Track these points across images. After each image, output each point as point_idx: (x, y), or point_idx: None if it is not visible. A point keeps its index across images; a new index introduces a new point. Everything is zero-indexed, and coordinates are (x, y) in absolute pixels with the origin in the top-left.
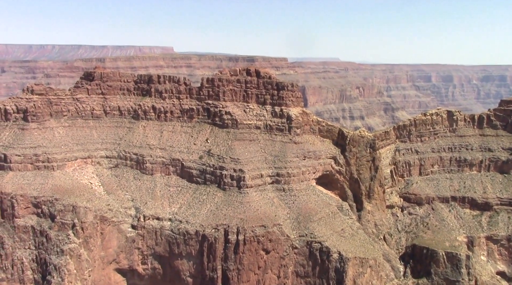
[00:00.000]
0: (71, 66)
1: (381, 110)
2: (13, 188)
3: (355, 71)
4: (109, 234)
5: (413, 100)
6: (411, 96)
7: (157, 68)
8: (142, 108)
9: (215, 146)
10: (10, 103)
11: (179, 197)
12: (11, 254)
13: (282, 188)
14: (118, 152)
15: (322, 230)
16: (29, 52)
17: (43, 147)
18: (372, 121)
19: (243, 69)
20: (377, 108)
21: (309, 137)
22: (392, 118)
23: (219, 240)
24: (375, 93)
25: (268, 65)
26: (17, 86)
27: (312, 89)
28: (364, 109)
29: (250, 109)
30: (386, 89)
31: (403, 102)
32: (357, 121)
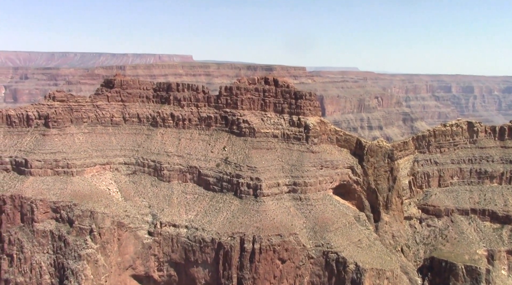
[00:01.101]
0: (92, 74)
1: (399, 121)
2: (33, 193)
3: (374, 81)
4: (126, 240)
5: (433, 110)
6: (430, 106)
7: (176, 76)
8: (161, 116)
9: (232, 154)
10: (32, 109)
11: (195, 204)
12: (30, 258)
13: (299, 197)
14: (136, 158)
15: (338, 240)
16: (51, 59)
17: (63, 152)
18: (391, 131)
19: (261, 78)
20: (395, 118)
21: (326, 146)
22: (411, 129)
23: (235, 248)
24: (394, 103)
25: (286, 74)
26: (39, 93)
27: (330, 99)
28: (382, 119)
29: (267, 118)
30: (405, 99)
31: (423, 112)
32: (376, 131)
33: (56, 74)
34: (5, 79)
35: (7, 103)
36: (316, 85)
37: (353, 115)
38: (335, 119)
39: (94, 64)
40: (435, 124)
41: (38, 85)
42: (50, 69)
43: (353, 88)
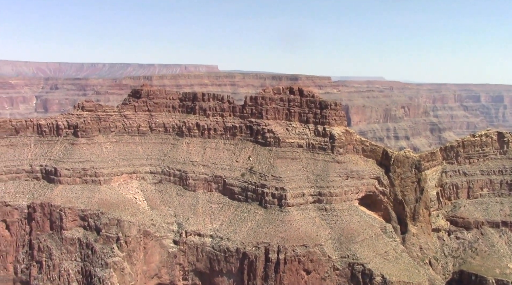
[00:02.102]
0: (120, 84)
1: (427, 131)
2: (62, 201)
3: (400, 90)
4: (151, 249)
5: (461, 120)
6: (458, 116)
7: (202, 86)
8: (186, 125)
9: (257, 164)
10: (61, 119)
11: (220, 214)
12: (58, 265)
13: (324, 208)
14: (162, 167)
15: (364, 251)
16: (81, 70)
17: (91, 161)
18: (418, 141)
19: (286, 87)
20: (423, 128)
21: (352, 156)
22: (439, 139)
23: (259, 259)
24: (421, 113)
25: (311, 83)
26: (68, 102)
27: (356, 108)
28: (409, 129)
29: (292, 128)
30: (433, 109)
31: (450, 122)
32: (402, 141)
33: (85, 84)
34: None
35: (38, 113)
36: (341, 95)
37: (379, 125)
38: (361, 129)
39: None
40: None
41: (68, 95)
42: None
43: (379, 98)
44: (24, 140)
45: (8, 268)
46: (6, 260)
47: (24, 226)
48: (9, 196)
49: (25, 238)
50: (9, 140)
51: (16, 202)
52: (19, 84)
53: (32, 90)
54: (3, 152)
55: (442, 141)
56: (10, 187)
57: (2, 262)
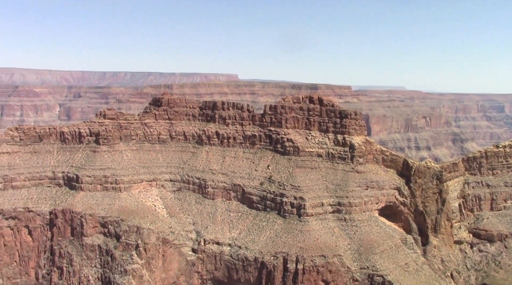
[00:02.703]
0: (141, 92)
1: (449, 141)
2: (83, 208)
3: (421, 100)
4: (170, 256)
5: (484, 131)
6: (481, 127)
7: (222, 95)
8: (206, 134)
9: (276, 173)
10: (84, 126)
11: (239, 223)
12: (79, 271)
13: (343, 218)
14: (182, 175)
15: (384, 263)
16: (103, 78)
17: (112, 169)
18: (439, 152)
19: (306, 96)
20: (444, 138)
21: (372, 166)
22: (461, 150)
23: (277, 268)
24: (442, 123)
25: (331, 93)
26: (91, 110)
27: (376, 118)
28: (430, 139)
29: (312, 137)
30: (455, 119)
31: (473, 133)
32: (423, 151)
33: (107, 92)
34: (60, 97)
35: (61, 120)
36: (361, 104)
37: (399, 135)
38: (381, 139)
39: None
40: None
41: (90, 103)
42: (101, 88)
43: (400, 108)
44: (47, 147)
45: (30, 273)
46: (28, 265)
47: (46, 232)
48: (32, 202)
49: (46, 244)
50: (33, 147)
51: (38, 208)
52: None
53: (55, 98)
54: (27, 158)
55: (465, 152)
56: (33, 193)
57: (24, 267)
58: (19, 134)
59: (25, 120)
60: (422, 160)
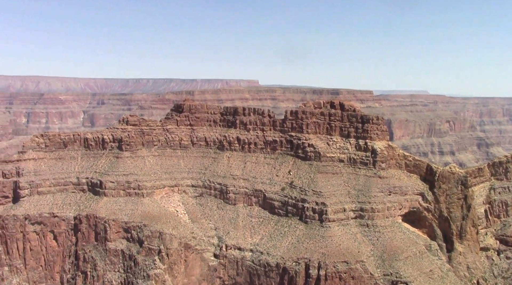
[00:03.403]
0: (163, 99)
1: (473, 146)
2: (107, 213)
3: (445, 104)
4: (192, 262)
5: (510, 135)
6: (507, 131)
7: (243, 101)
8: (227, 139)
9: (297, 178)
10: (107, 133)
11: (260, 228)
12: (102, 276)
13: (366, 224)
14: (203, 181)
15: (408, 269)
16: (126, 85)
17: (135, 174)
18: (464, 157)
19: (327, 102)
20: (469, 143)
21: (395, 172)
22: (486, 155)
23: (299, 274)
24: (467, 127)
25: (352, 98)
26: (114, 117)
27: (399, 123)
28: (455, 144)
29: (333, 142)
30: (480, 123)
31: (499, 137)
32: (447, 156)
33: (130, 99)
34: (84, 104)
35: (85, 127)
36: (383, 109)
37: (423, 140)
38: (404, 144)
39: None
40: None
41: (113, 110)
42: (124, 95)
43: (423, 112)
44: (71, 153)
45: (55, 277)
46: (53, 269)
47: (71, 237)
48: (57, 207)
49: (71, 249)
50: (58, 153)
51: (63, 213)
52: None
53: (80, 105)
54: (52, 164)
55: (490, 156)
56: (58, 198)
57: (49, 271)
58: (44, 141)
59: (50, 127)
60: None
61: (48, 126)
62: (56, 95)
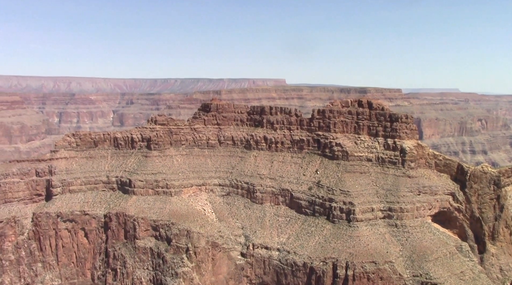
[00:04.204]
0: (190, 98)
1: (507, 145)
2: (136, 211)
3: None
4: (219, 260)
5: None
6: None
7: (269, 100)
8: (254, 139)
9: (324, 178)
10: (136, 132)
11: (287, 227)
12: (132, 273)
13: (395, 224)
14: (230, 180)
15: (438, 271)
16: (154, 85)
17: (163, 173)
18: (497, 156)
19: (355, 100)
20: (502, 142)
21: (424, 171)
22: None
23: (327, 274)
24: (500, 126)
25: (381, 96)
26: (142, 116)
27: (428, 121)
28: (487, 143)
29: (361, 141)
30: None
31: None
32: (479, 156)
33: (158, 99)
34: (114, 104)
35: (114, 126)
36: (412, 107)
37: (453, 139)
38: (434, 143)
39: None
40: None
41: (142, 109)
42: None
43: (454, 110)
44: (102, 152)
45: (86, 274)
46: (85, 266)
47: (101, 234)
48: (88, 205)
49: (101, 246)
50: (88, 152)
51: (94, 211)
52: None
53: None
54: (83, 163)
55: None
56: (89, 196)
57: (80, 268)
58: (75, 140)
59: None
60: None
61: (79, 126)
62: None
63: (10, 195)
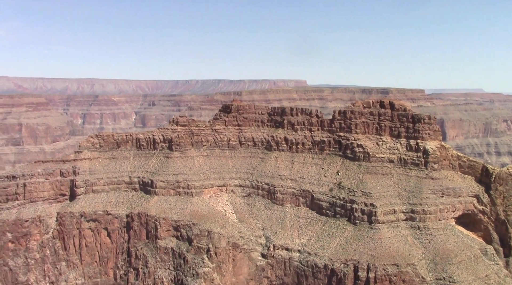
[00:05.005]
0: (212, 100)
1: None
2: (157, 211)
3: (502, 103)
4: (240, 261)
5: None
6: None
7: (290, 101)
8: (275, 140)
9: (345, 179)
10: (158, 133)
11: (308, 229)
12: (153, 273)
13: (417, 226)
14: (251, 181)
15: (462, 274)
16: (175, 87)
17: (184, 174)
18: None
19: (377, 101)
20: None
21: (448, 173)
22: None
23: (348, 276)
24: None
25: (403, 97)
26: (164, 118)
27: (452, 122)
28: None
29: (383, 142)
30: None
31: None
32: (505, 157)
33: (180, 100)
34: (136, 105)
35: (136, 128)
36: (435, 108)
37: (478, 140)
38: (458, 144)
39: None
40: None
41: (164, 111)
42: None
43: (478, 111)
44: (124, 153)
45: (109, 273)
46: (107, 265)
47: (123, 234)
48: (110, 205)
49: (124, 246)
50: (111, 153)
51: (116, 211)
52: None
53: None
54: (106, 164)
55: None
56: (112, 197)
57: (103, 267)
58: (99, 141)
59: (104, 128)
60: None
61: (102, 127)
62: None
63: (35, 195)
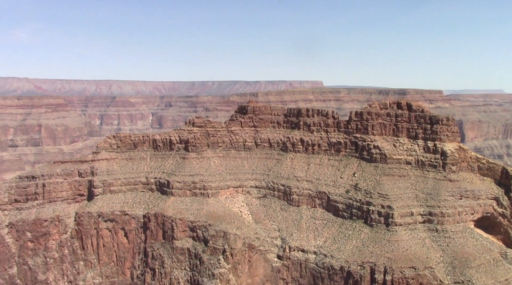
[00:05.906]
0: (228, 101)
1: None
2: (173, 212)
3: None
4: (256, 262)
5: None
6: None
7: (306, 102)
8: (291, 141)
9: (362, 180)
10: (174, 134)
11: (324, 230)
12: (170, 273)
13: (435, 228)
14: (267, 182)
15: (481, 278)
16: (192, 88)
17: (200, 175)
18: None
19: (394, 102)
20: None
21: (466, 175)
22: None
23: (364, 278)
24: None
25: (420, 98)
26: (181, 119)
27: (471, 124)
28: None
29: (400, 144)
30: None
31: None
32: None
33: (196, 101)
34: (153, 107)
35: (153, 129)
36: (454, 109)
37: (497, 141)
38: (476, 146)
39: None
40: None
41: (180, 112)
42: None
43: (498, 112)
44: (141, 154)
45: (126, 273)
46: (124, 265)
47: (140, 234)
48: (128, 205)
49: (140, 246)
50: (128, 154)
51: (133, 212)
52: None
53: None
54: (123, 164)
55: None
56: (129, 197)
57: (120, 267)
58: (116, 142)
59: (121, 129)
60: None
61: (120, 128)
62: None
63: (54, 195)
